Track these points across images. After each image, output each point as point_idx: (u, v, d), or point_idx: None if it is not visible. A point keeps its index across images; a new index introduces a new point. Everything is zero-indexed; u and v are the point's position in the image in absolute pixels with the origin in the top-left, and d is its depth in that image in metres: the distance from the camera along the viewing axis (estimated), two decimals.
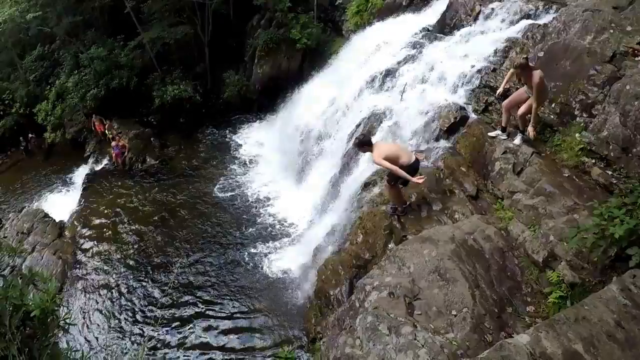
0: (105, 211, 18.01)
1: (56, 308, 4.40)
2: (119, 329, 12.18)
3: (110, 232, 16.62)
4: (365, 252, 9.47)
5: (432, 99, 11.42)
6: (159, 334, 11.54)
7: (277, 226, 14.82)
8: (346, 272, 9.70)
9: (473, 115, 10.46)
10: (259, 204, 16.32)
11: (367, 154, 8.90)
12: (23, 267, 12.87)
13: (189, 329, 11.59)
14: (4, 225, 18.44)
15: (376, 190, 10.63)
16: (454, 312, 6.09)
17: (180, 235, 15.61)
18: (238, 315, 11.75)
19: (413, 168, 8.47)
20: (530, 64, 8.43)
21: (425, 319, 6.10)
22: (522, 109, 8.62)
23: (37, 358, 3.79)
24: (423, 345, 5.54)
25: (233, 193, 17.52)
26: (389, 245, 9.02)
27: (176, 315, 12.13)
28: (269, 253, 13.64)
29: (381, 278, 7.04)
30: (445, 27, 14.17)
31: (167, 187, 19.08)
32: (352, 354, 5.94)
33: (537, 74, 8.03)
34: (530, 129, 8.42)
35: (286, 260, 13.06)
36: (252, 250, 13.92)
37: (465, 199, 8.70)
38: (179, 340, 11.30)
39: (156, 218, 16.90)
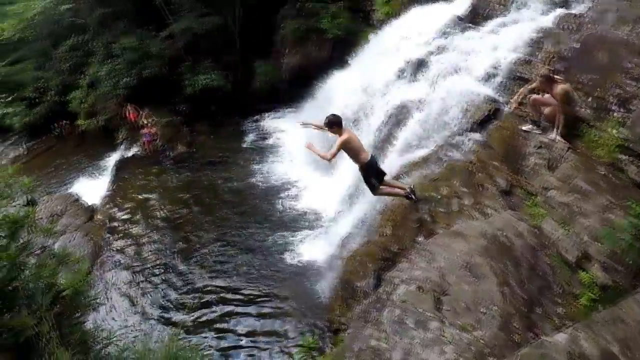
0: (135, 196, 18.33)
1: (87, 288, 4.62)
2: (143, 312, 12.35)
3: (138, 216, 16.91)
4: (394, 245, 9.39)
5: (464, 90, 11.17)
6: (180, 319, 11.61)
7: (305, 215, 14.83)
8: (373, 264, 9.62)
9: (506, 108, 10.25)
10: (286, 193, 16.38)
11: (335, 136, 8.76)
12: (55, 247, 13.13)
13: (211, 314, 11.61)
14: (37, 207, 18.98)
15: (407, 181, 10.51)
16: (482, 310, 6.01)
17: (207, 221, 15.74)
18: (261, 302, 11.76)
19: (372, 164, 8.84)
20: (556, 76, 8.27)
21: (453, 315, 6.04)
22: (547, 110, 8.47)
23: (67, 335, 3.87)
24: (450, 342, 5.51)
25: (261, 181, 17.63)
26: (418, 239, 8.93)
27: (200, 301, 12.18)
28: (295, 242, 13.64)
29: (410, 271, 6.99)
30: (477, 16, 13.92)
31: (197, 174, 19.31)
32: (378, 347, 5.93)
33: (559, 88, 7.90)
34: (558, 137, 8.27)
35: (312, 250, 13.02)
36: (278, 239, 13.94)
37: (497, 194, 8.52)
38: (200, 325, 11.34)
39: (184, 204, 17.12)
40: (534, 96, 8.84)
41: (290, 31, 22.55)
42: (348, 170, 13.91)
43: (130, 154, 23.12)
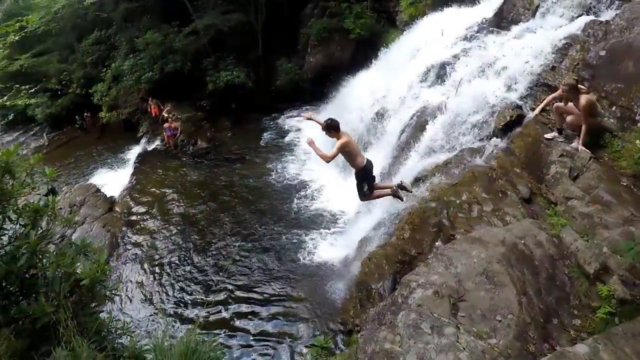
0: (154, 190, 18.62)
1: (104, 279, 4.59)
2: (156, 306, 12.47)
3: (157, 210, 17.16)
4: (412, 248, 9.36)
5: (487, 95, 11.16)
6: (194, 315, 11.67)
7: (323, 215, 14.84)
8: (390, 266, 9.59)
9: (529, 115, 10.12)
10: (305, 192, 16.44)
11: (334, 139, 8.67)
12: (73, 237, 13.33)
13: (224, 311, 11.63)
14: (58, 197, 19.34)
15: (427, 185, 10.51)
16: (498, 318, 5.97)
17: (223, 218, 15.87)
18: (274, 300, 11.79)
19: (367, 170, 8.86)
20: (580, 86, 8.18)
21: (468, 321, 6.01)
22: (570, 118, 8.40)
23: (83, 324, 3.92)
24: (464, 349, 5.50)
25: (280, 180, 17.74)
26: (436, 243, 8.89)
27: (213, 298, 12.23)
28: (311, 241, 13.66)
29: (427, 276, 6.96)
30: (502, 20, 13.75)
31: (215, 170, 19.53)
32: (391, 350, 5.90)
33: (584, 98, 7.81)
34: (581, 147, 8.21)
35: (329, 250, 13.06)
36: (294, 238, 13.99)
37: (518, 202, 8.44)
38: (213, 322, 11.34)
39: (202, 200, 17.31)
40: (558, 104, 8.77)
41: (314, 30, 22.61)
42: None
43: (151, 147, 23.55)
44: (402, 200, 9.54)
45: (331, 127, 8.44)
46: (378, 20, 22.13)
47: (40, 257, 4.55)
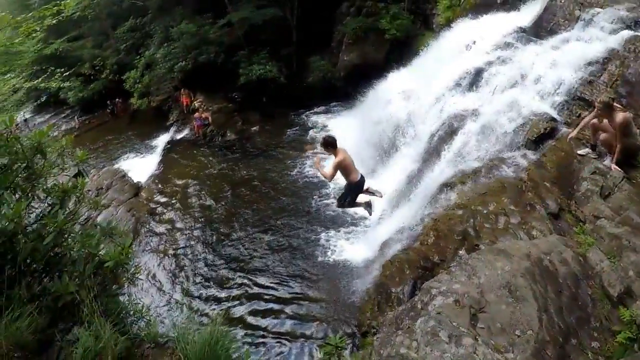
0: (180, 178, 18.90)
1: (128, 262, 4.72)
2: (172, 295, 12.65)
3: (182, 198, 17.43)
4: (435, 255, 9.33)
5: (522, 106, 11.03)
6: (207, 308, 11.74)
7: (346, 216, 14.78)
8: (412, 271, 9.55)
9: (563, 128, 10.02)
10: (327, 190, 16.41)
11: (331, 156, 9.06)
12: (98, 219, 13.57)
13: (239, 306, 11.68)
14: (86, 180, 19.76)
15: (455, 192, 10.46)
16: (517, 333, 5.91)
17: (245, 212, 16.00)
18: (292, 297, 11.82)
19: (359, 186, 9.27)
20: (616, 104, 8.04)
21: (487, 333, 5.97)
22: (604, 136, 8.27)
23: (104, 305, 4.01)
24: None
25: (302, 176, 17.82)
26: (460, 252, 8.87)
27: (230, 294, 12.27)
28: (334, 240, 13.66)
29: (449, 284, 6.93)
30: (540, 30, 13.56)
31: (242, 163, 19.70)
32: (407, 355, 5.87)
33: (619, 117, 7.68)
34: (613, 166, 8.09)
35: (351, 251, 13.04)
36: (316, 235, 14.01)
37: (546, 216, 8.35)
38: (229, 317, 11.22)
39: (224, 192, 17.50)
40: (592, 120, 8.66)
41: (349, 29, 22.61)
42: (397, 173, 13.93)
43: (180, 136, 23.89)
44: (370, 215, 10.60)
45: (328, 144, 8.77)
46: (414, 22, 22.01)
47: (66, 236, 4.70)
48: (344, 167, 8.82)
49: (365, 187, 9.61)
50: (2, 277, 4.03)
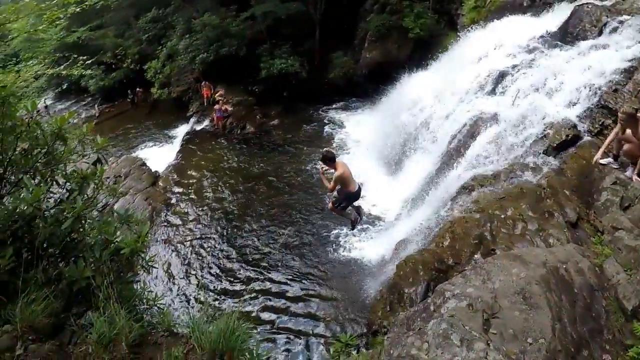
0: (198, 169, 19.06)
1: (144, 250, 4.76)
2: (184, 284, 12.79)
3: (198, 189, 17.59)
4: (449, 258, 9.33)
5: (544, 111, 10.93)
6: (219, 303, 11.72)
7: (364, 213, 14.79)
8: (425, 273, 9.53)
9: (586, 136, 9.92)
10: None
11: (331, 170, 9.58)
12: (115, 206, 13.75)
13: (250, 301, 11.67)
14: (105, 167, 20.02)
15: (473, 196, 10.41)
16: (529, 340, 5.87)
17: (259, 206, 16.09)
18: (304, 293, 11.84)
19: (355, 196, 9.95)
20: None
21: (499, 339, 5.95)
22: (627, 147, 8.17)
23: (119, 292, 4.02)
24: None
25: (319, 172, 17.64)
26: (476, 256, 8.85)
27: (240, 288, 12.32)
28: (348, 238, 13.65)
29: (463, 287, 6.91)
30: (566, 35, 13.34)
31: (259, 156, 19.81)
32: (417, 357, 5.86)
33: None
34: (635, 177, 8.01)
35: (366, 249, 13.06)
36: (331, 232, 14.01)
37: (564, 225, 8.28)
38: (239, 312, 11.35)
39: (242, 184, 17.63)
40: (615, 129, 8.56)
41: (373, 26, 22.57)
42: (415, 173, 13.90)
43: (199, 127, 24.09)
44: (352, 229, 11.66)
45: (327, 159, 9.48)
46: (438, 21, 21.90)
47: (84, 222, 4.76)
48: (343, 180, 9.44)
49: (357, 203, 10.55)
50: (19, 260, 4.10)
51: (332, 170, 9.46)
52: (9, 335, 3.62)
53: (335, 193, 10.07)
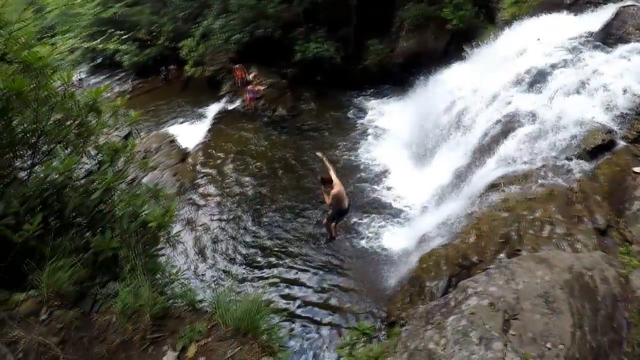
0: (226, 148, 19.19)
1: (170, 224, 4.86)
2: (204, 263, 12.99)
3: (226, 169, 17.73)
4: (474, 255, 9.33)
5: (581, 113, 10.76)
6: (238, 286, 11.69)
7: (388, 204, 14.81)
8: (448, 267, 9.59)
9: (621, 142, 9.77)
10: (373, 177, 16.41)
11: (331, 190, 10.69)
12: (144, 180, 13.95)
13: (269, 287, 11.65)
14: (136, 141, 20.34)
15: (502, 194, 10.35)
16: (548, 345, 5.84)
17: (286, 189, 16.17)
18: (323, 281, 11.87)
19: (345, 212, 11.51)
20: None
21: (518, 341, 5.94)
22: None
23: (143, 265, 4.04)
24: None
25: (350, 160, 17.79)
26: (500, 255, 8.83)
27: (261, 274, 12.39)
28: (373, 226, 13.67)
29: (486, 285, 6.92)
30: (609, 37, 12.95)
31: (289, 139, 19.86)
32: (434, 351, 5.90)
33: None
34: None
35: (389, 239, 13.05)
36: (356, 220, 13.99)
37: (592, 231, 8.21)
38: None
39: (268, 167, 17.69)
40: None
41: (410, 15, 22.28)
42: (445, 166, 13.83)
43: (231, 107, 24.13)
44: (327, 242, 12.88)
45: (325, 182, 10.84)
46: (477, 14, 21.45)
47: (113, 194, 4.88)
48: (339, 199, 10.78)
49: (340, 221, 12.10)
50: (47, 227, 4.17)
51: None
52: (35, 300, 3.72)
53: (330, 210, 11.36)
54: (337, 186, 10.68)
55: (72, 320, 3.62)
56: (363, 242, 13.09)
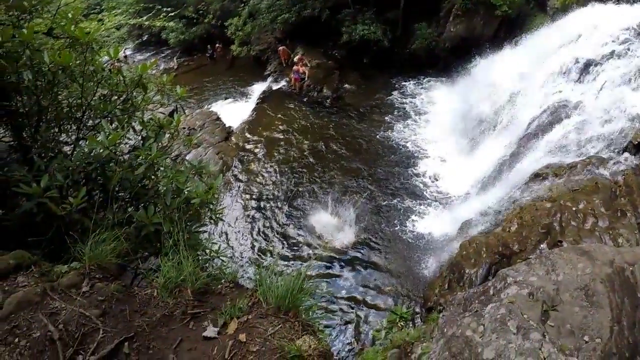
0: (270, 128, 19.43)
1: (213, 202, 4.92)
2: (243, 241, 13.23)
3: (269, 148, 17.97)
4: (515, 244, 9.37)
5: (630, 106, 10.62)
6: (278, 265, 11.83)
7: (431, 189, 14.92)
8: (488, 255, 9.62)
9: None
10: (417, 161, 16.50)
11: None
12: (187, 157, 14.30)
13: (309, 265, 11.47)
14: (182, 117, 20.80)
15: (546, 184, 10.37)
16: (585, 338, 5.88)
17: (329, 170, 16.28)
18: (362, 263, 12.00)
19: None
20: None
21: (555, 332, 6.03)
22: None
23: (185, 241, 4.02)
24: (545, 359, 5.66)
25: (395, 143, 17.85)
26: (541, 245, 8.89)
27: (299, 253, 12.55)
28: (415, 211, 13.79)
29: (526, 275, 6.94)
30: None
31: (332, 121, 19.95)
32: (471, 338, 6.00)
33: None
34: None
35: (431, 224, 13.16)
36: (399, 203, 14.14)
37: (635, 226, 8.18)
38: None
39: (312, 148, 17.82)
40: None
41: (460, 0, 22.02)
42: (490, 153, 13.84)
43: (276, 87, 24.32)
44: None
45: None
46: (527, 1, 21.07)
47: (156, 170, 4.95)
48: None
49: None
50: (91, 201, 4.26)
51: None
52: (77, 272, 3.76)
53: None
54: None
55: (113, 293, 3.65)
56: (404, 226, 13.20)
